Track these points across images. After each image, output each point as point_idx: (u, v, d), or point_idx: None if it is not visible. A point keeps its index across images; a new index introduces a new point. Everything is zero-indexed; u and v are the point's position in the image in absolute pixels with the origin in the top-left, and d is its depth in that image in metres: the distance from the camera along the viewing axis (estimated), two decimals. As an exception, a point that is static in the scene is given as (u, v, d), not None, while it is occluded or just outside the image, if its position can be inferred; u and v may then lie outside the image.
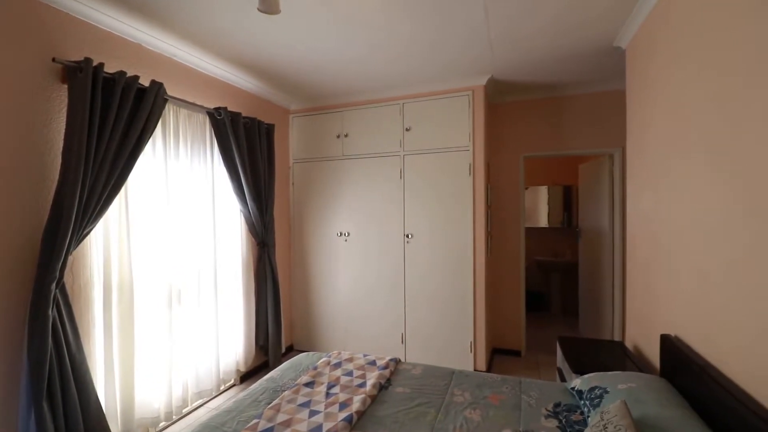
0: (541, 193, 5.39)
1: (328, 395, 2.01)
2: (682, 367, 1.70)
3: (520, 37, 2.57)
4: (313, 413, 1.83)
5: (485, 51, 2.77)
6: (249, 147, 3.18)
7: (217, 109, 2.88)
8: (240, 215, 3.26)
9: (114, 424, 2.19)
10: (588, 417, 1.71)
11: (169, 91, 2.48)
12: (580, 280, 4.46)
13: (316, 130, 3.90)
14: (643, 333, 2.37)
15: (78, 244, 1.96)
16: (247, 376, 3.34)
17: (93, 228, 2.03)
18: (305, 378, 2.19)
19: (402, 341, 3.57)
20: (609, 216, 3.63)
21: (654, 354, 2.12)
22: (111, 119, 2.04)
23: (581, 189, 4.54)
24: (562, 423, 1.73)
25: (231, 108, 3.03)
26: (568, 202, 5.27)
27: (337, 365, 2.38)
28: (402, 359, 3.44)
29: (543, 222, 5.40)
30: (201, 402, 2.87)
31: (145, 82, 2.27)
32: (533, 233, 5.29)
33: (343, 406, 1.88)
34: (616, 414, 1.38)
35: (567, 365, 2.36)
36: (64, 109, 1.97)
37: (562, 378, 2.54)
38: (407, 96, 3.54)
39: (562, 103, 3.65)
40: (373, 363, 2.39)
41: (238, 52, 2.76)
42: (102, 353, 2.18)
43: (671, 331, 1.92)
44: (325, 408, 1.87)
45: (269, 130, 3.44)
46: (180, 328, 2.67)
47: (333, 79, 3.31)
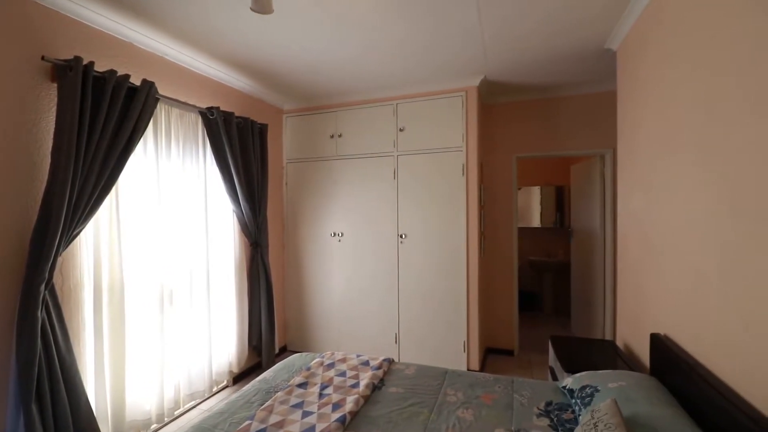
0: (534, 194, 5.43)
1: (321, 396, 2.01)
2: (671, 366, 1.73)
3: (513, 39, 2.59)
4: (306, 414, 1.83)
5: (478, 52, 2.79)
6: (242, 147, 3.16)
7: (210, 109, 2.86)
8: (233, 215, 3.24)
9: (104, 426, 2.17)
10: (579, 415, 1.72)
11: (161, 91, 2.46)
12: (572, 279, 4.50)
13: (309, 130, 3.89)
14: (634, 332, 2.40)
15: (68, 244, 1.94)
16: (240, 377, 3.32)
17: (83, 228, 2.01)
18: (298, 379, 2.18)
19: (396, 341, 3.58)
20: (600, 216, 3.67)
21: (644, 353, 2.14)
22: (101, 118, 2.02)
23: (573, 189, 4.58)
24: (553, 422, 1.74)
25: (224, 107, 3.02)
26: (560, 202, 5.31)
27: (331, 366, 2.37)
28: (395, 359, 3.44)
29: (536, 222, 5.43)
30: (193, 403, 2.85)
31: (137, 81, 2.25)
32: (526, 233, 5.32)
33: (336, 406, 1.88)
34: (606, 412, 1.39)
35: (559, 364, 2.39)
36: (53, 108, 1.94)
37: (554, 377, 2.56)
38: (401, 96, 3.54)
39: (554, 105, 3.68)
40: (367, 363, 2.39)
41: (231, 51, 2.74)
42: (92, 355, 2.16)
43: (661, 330, 1.95)
44: (318, 409, 1.87)
45: (262, 129, 3.43)
46: (172, 329, 2.65)
47: (327, 79, 3.31)
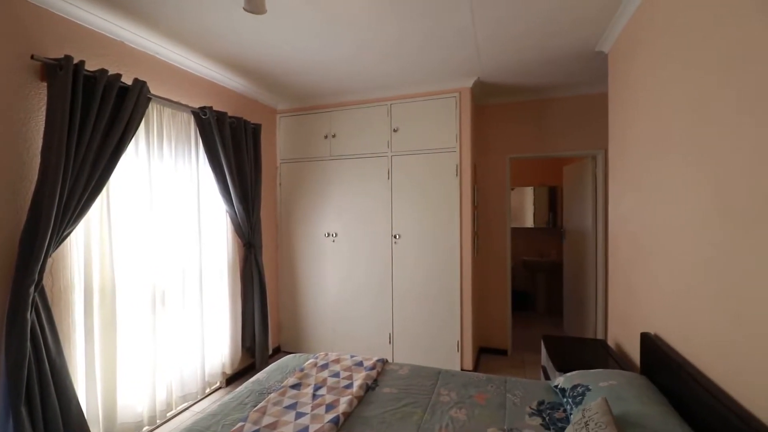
0: (527, 194, 5.46)
1: (314, 397, 2.00)
2: (661, 365, 1.75)
3: (506, 41, 2.60)
4: (300, 415, 1.82)
5: (472, 53, 2.80)
6: (235, 147, 3.15)
7: (203, 109, 2.84)
8: (226, 216, 3.22)
9: (96, 428, 2.16)
10: (571, 414, 1.74)
11: (153, 90, 2.44)
12: (564, 279, 4.53)
13: (303, 130, 3.88)
14: (625, 331, 2.42)
15: (58, 245, 1.92)
16: (233, 378, 3.31)
17: (73, 229, 1.99)
18: (292, 380, 2.18)
19: (390, 341, 3.58)
20: (592, 217, 3.70)
21: (635, 352, 2.17)
22: (92, 118, 2.00)
23: (566, 190, 4.61)
24: (545, 421, 1.76)
25: (217, 107, 3.00)
26: (553, 202, 5.35)
27: (324, 366, 2.37)
28: (389, 359, 3.45)
29: (529, 222, 5.47)
30: (186, 405, 2.83)
31: (128, 80, 2.24)
32: (519, 233, 5.35)
33: (330, 407, 1.88)
34: (597, 411, 1.41)
35: (551, 364, 2.40)
36: (43, 108, 1.92)
37: (546, 376, 2.58)
38: (395, 97, 3.55)
39: (546, 106, 3.71)
40: (360, 364, 2.39)
41: (224, 51, 2.73)
42: (83, 357, 2.14)
43: (651, 330, 1.97)
44: (312, 410, 1.87)
45: (256, 130, 3.42)
46: (164, 330, 2.63)
47: (321, 80, 3.30)
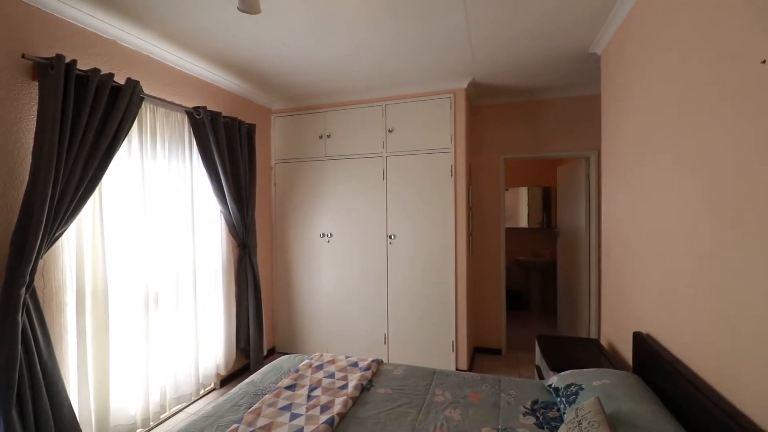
0: (521, 194, 5.49)
1: (309, 398, 2.00)
2: (653, 364, 1.77)
3: (500, 42, 2.62)
4: (294, 416, 1.82)
5: (467, 54, 2.81)
6: (229, 147, 3.13)
7: (196, 108, 2.83)
8: (220, 216, 3.21)
9: (88, 431, 2.13)
10: (564, 413, 1.75)
11: (146, 90, 2.42)
12: (558, 279, 4.56)
13: (298, 130, 3.87)
14: (617, 331, 2.45)
15: (49, 247, 1.90)
16: (228, 379, 3.29)
17: (65, 230, 1.97)
18: (286, 381, 2.17)
19: (385, 342, 3.59)
20: (585, 217, 3.73)
21: (627, 351, 2.19)
22: (84, 118, 1.98)
23: (559, 190, 4.65)
24: (539, 420, 1.77)
25: (211, 107, 2.98)
26: (547, 203, 5.38)
27: (319, 367, 2.37)
28: (384, 360, 3.46)
29: (523, 222, 5.50)
30: (180, 407, 2.81)
31: (121, 79, 2.22)
32: (513, 233, 5.38)
33: (325, 408, 1.88)
34: (590, 410, 1.42)
35: (545, 363, 2.42)
36: (34, 107, 1.90)
37: (540, 375, 2.60)
38: (390, 97, 3.55)
39: (541, 107, 3.73)
40: (355, 364, 2.39)
41: (218, 51, 2.71)
42: (75, 359, 2.12)
43: (643, 329, 1.99)
44: (307, 411, 1.87)
45: (250, 130, 3.40)
46: (157, 331, 2.61)
47: (316, 80, 3.30)
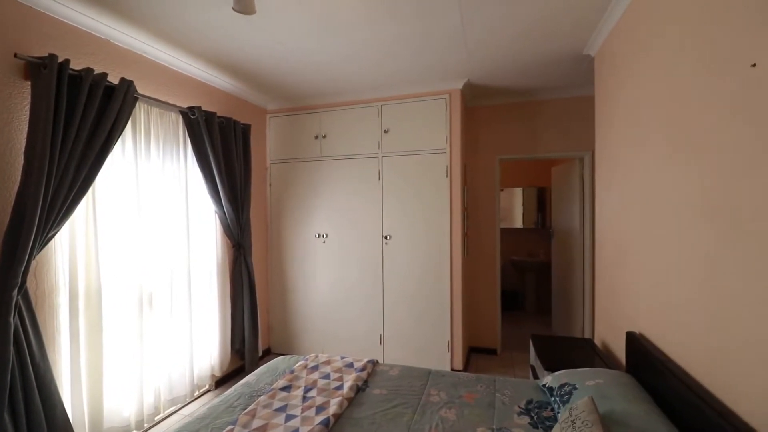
0: (516, 195, 5.52)
1: (305, 399, 2.00)
2: (646, 364, 1.78)
3: (495, 44, 2.63)
4: (290, 417, 1.82)
5: (462, 56, 2.82)
6: (224, 147, 3.12)
7: (191, 108, 2.81)
8: (215, 217, 3.19)
9: (81, 434, 2.12)
10: (558, 413, 1.76)
11: (140, 89, 2.41)
12: (553, 279, 4.59)
13: (293, 130, 3.87)
14: (611, 330, 2.47)
15: (42, 248, 1.88)
16: (223, 381, 3.28)
17: (58, 231, 1.96)
18: (282, 382, 2.17)
19: (380, 342, 3.59)
20: (579, 217, 3.76)
21: (621, 351, 2.21)
22: (77, 118, 1.97)
23: (554, 191, 4.67)
24: (533, 419, 1.78)
25: (205, 107, 2.97)
26: (542, 203, 5.41)
27: (315, 368, 2.37)
28: (380, 360, 3.46)
29: (518, 223, 5.53)
30: (174, 409, 2.80)
31: (114, 79, 2.20)
32: (509, 234, 5.40)
33: (320, 409, 1.88)
34: (583, 410, 1.43)
35: (539, 363, 2.44)
36: (26, 107, 1.88)
37: (534, 375, 2.61)
38: (385, 98, 3.55)
39: (535, 108, 3.75)
40: (351, 365, 2.39)
41: (212, 51, 2.70)
42: (68, 361, 2.10)
43: (636, 329, 2.01)
44: (302, 412, 1.87)
45: (245, 130, 3.39)
46: (152, 332, 2.60)
47: (311, 80, 3.29)
